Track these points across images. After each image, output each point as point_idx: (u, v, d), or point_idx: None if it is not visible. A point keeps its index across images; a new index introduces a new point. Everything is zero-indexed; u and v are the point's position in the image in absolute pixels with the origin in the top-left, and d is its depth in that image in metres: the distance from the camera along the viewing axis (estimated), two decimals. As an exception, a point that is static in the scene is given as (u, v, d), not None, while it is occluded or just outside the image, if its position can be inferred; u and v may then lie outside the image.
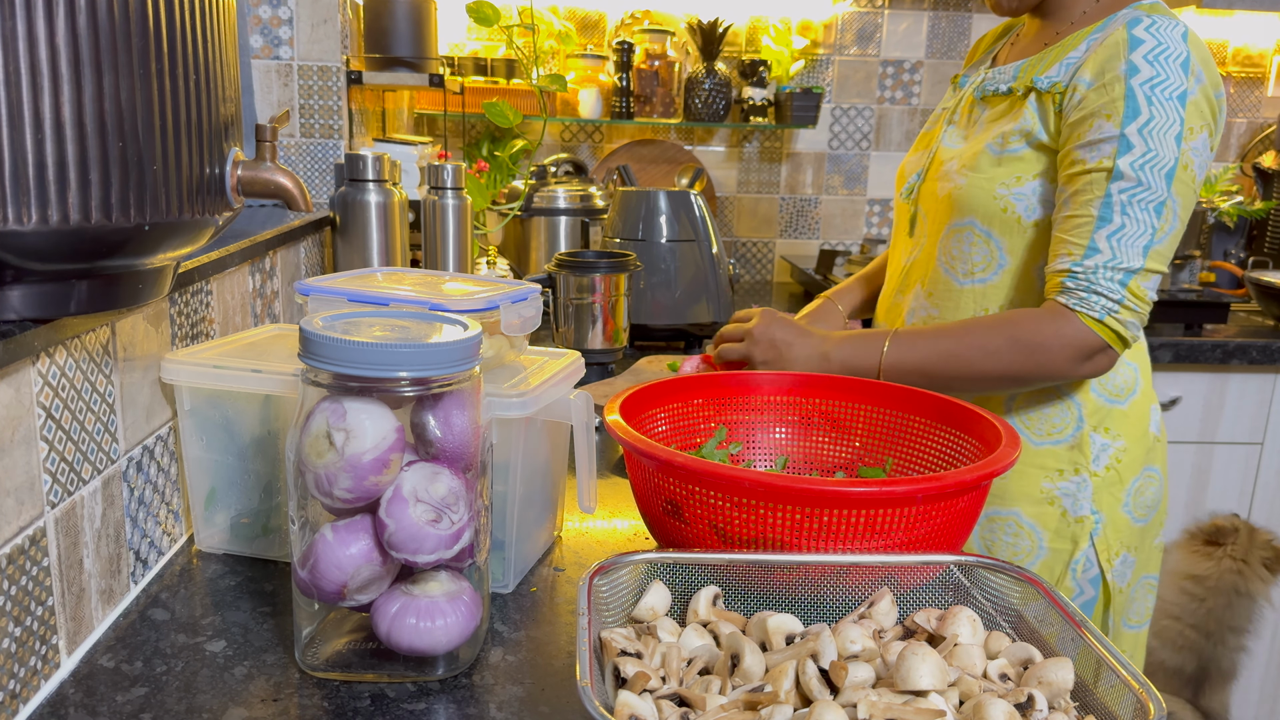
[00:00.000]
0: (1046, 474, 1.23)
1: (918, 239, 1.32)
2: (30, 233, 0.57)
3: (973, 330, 1.16)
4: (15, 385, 0.66)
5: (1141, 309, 1.10)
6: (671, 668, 0.62)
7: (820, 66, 2.74)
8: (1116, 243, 1.08)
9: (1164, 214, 1.08)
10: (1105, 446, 1.22)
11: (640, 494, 0.86)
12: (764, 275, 2.88)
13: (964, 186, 1.21)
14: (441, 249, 1.71)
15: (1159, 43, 1.07)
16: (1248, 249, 2.63)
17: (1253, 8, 2.43)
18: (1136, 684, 0.58)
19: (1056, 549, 1.23)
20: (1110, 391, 1.23)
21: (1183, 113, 1.07)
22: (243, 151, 0.73)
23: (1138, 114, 1.07)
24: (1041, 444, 1.23)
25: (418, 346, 0.67)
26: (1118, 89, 1.08)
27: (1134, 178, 1.07)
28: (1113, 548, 1.23)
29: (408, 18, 1.87)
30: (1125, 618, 1.27)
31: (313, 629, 0.76)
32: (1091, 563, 1.23)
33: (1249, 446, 2.17)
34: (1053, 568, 1.23)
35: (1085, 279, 1.09)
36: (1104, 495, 1.22)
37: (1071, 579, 1.23)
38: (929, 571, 0.75)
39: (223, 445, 0.92)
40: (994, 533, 1.25)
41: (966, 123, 1.29)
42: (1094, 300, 1.09)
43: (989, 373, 1.15)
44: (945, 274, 1.26)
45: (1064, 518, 1.22)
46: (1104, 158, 1.08)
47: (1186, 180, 1.08)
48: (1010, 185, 1.18)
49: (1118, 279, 1.08)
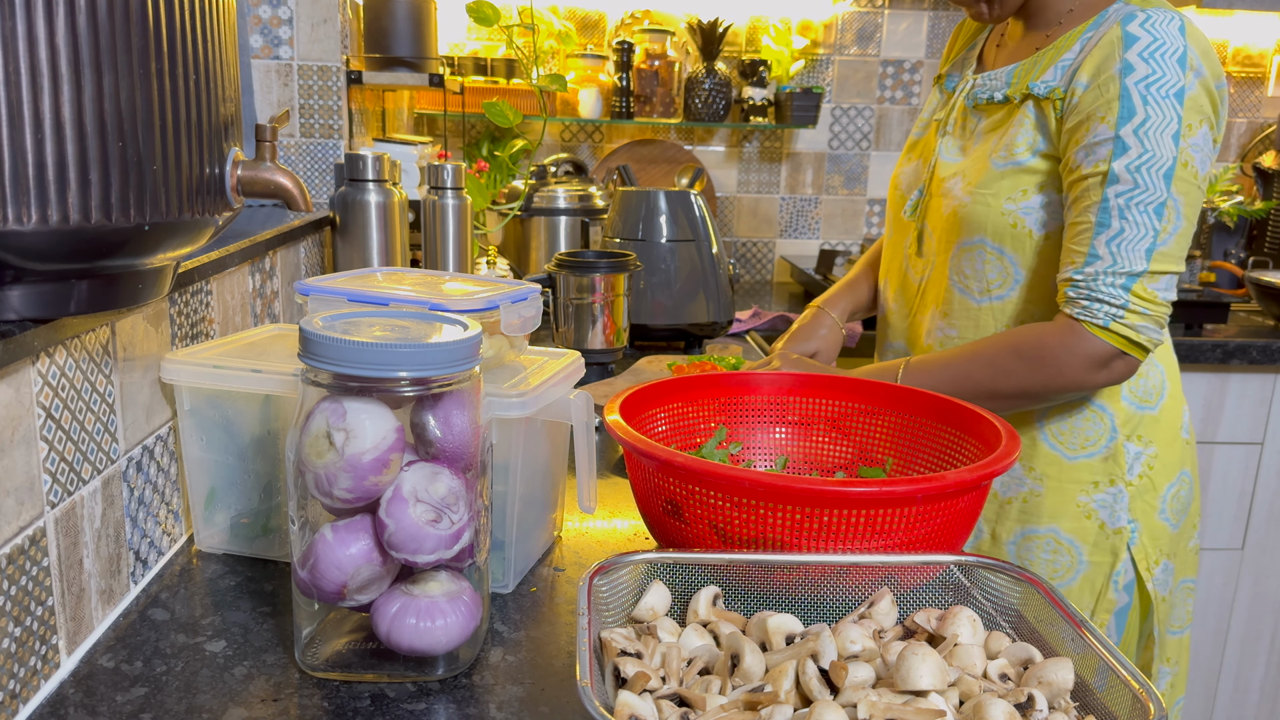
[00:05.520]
0: (1082, 488, 1.20)
1: (927, 257, 1.29)
2: (30, 233, 0.57)
3: (982, 352, 1.15)
4: (15, 385, 0.66)
5: (1153, 310, 1.08)
6: (671, 668, 0.62)
7: (820, 66, 2.74)
8: (1116, 248, 1.06)
9: (1165, 214, 1.06)
10: (1138, 455, 1.20)
11: (640, 494, 0.86)
12: (764, 275, 2.88)
13: (970, 205, 1.18)
14: (441, 249, 1.71)
15: (1154, 39, 1.05)
16: (1248, 249, 2.63)
17: (1253, 8, 2.43)
18: (1136, 684, 0.58)
19: (1096, 562, 1.21)
20: (1140, 397, 1.21)
21: (1180, 110, 1.04)
22: (243, 151, 0.73)
23: (1133, 114, 1.05)
24: (1076, 458, 1.20)
25: (418, 346, 0.67)
26: (1113, 89, 1.06)
27: (1131, 180, 1.05)
28: (1151, 556, 1.21)
29: (408, 18, 1.87)
30: (1169, 624, 1.26)
31: (313, 629, 0.76)
32: (1128, 571, 1.21)
33: (1249, 446, 2.17)
34: (1094, 581, 1.22)
35: (1086, 287, 1.08)
36: (1138, 504, 1.21)
37: (1113, 590, 1.21)
38: (929, 571, 0.75)
39: (223, 445, 0.92)
40: (1031, 551, 1.23)
41: (962, 133, 1.26)
42: (1096, 308, 1.08)
43: (1004, 391, 1.13)
44: (960, 294, 1.23)
45: (1102, 530, 1.20)
46: (1100, 161, 1.06)
47: (1187, 178, 1.06)
48: (1017, 200, 1.15)
49: (1119, 284, 1.07)
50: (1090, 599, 1.22)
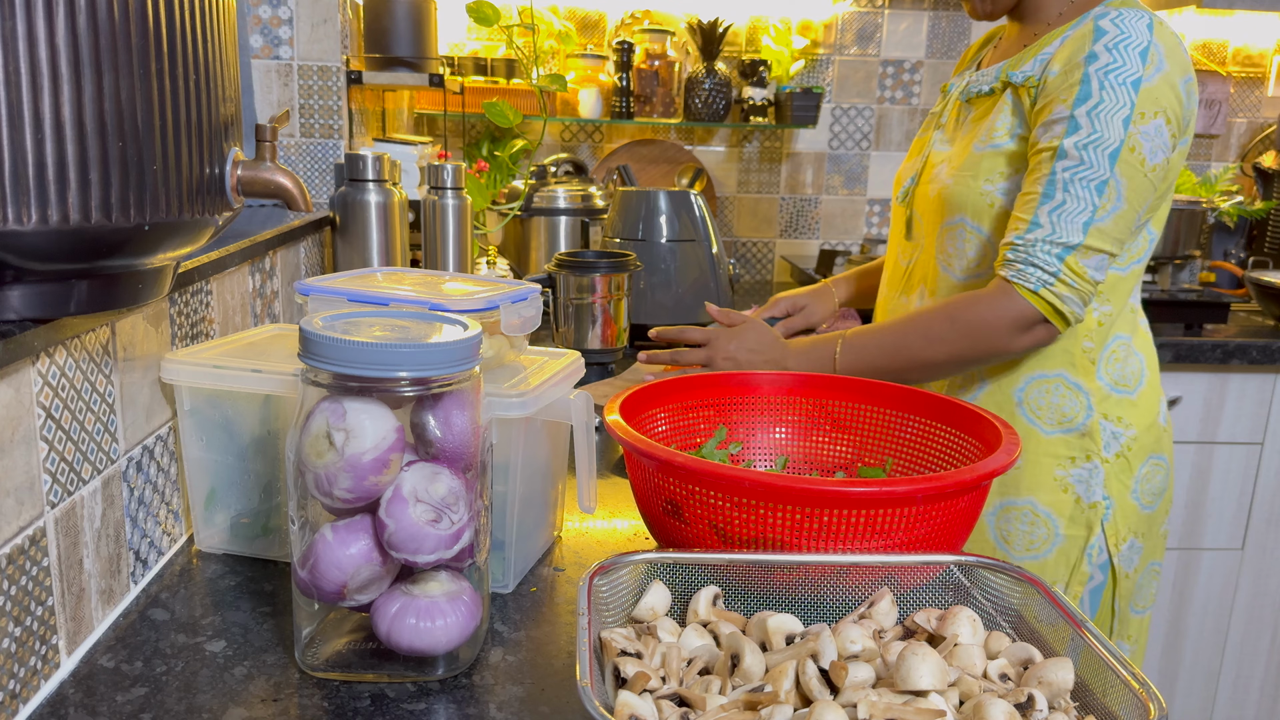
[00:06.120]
0: (1059, 461, 1.24)
1: (916, 241, 1.36)
2: (30, 233, 0.57)
3: (916, 321, 1.21)
4: (15, 385, 0.66)
5: (1080, 285, 1.13)
6: (671, 668, 0.62)
7: (820, 66, 2.74)
8: (1056, 218, 1.12)
9: (1105, 192, 1.11)
10: (1116, 434, 1.24)
11: (640, 494, 0.86)
12: (764, 275, 2.88)
13: (951, 185, 1.25)
14: (441, 249, 1.71)
15: (1121, 32, 1.12)
16: (1248, 249, 2.63)
17: (1253, 8, 2.43)
18: (1136, 684, 0.58)
19: (1072, 535, 1.25)
20: (1116, 380, 1.25)
21: (1134, 97, 1.10)
22: (243, 151, 0.73)
23: (1089, 97, 1.11)
24: (1053, 432, 1.25)
25: (418, 346, 0.67)
26: (1076, 75, 1.13)
27: (1078, 157, 1.11)
28: (1120, 533, 1.25)
29: (408, 17, 1.87)
30: (1132, 603, 1.29)
31: (313, 629, 0.76)
32: (1102, 549, 1.25)
33: (1249, 446, 2.17)
34: (1069, 554, 1.25)
35: (1024, 251, 1.13)
36: (1114, 482, 1.25)
37: (1087, 564, 1.25)
38: (929, 571, 0.75)
39: (223, 445, 0.92)
40: (1010, 523, 1.27)
41: (954, 126, 1.34)
42: (1030, 272, 1.13)
43: (936, 359, 1.19)
44: (944, 271, 1.30)
45: (1078, 504, 1.24)
46: (1054, 138, 1.13)
47: (1133, 162, 1.12)
48: (995, 180, 1.22)
49: (1055, 253, 1.12)
50: (1065, 572, 1.26)
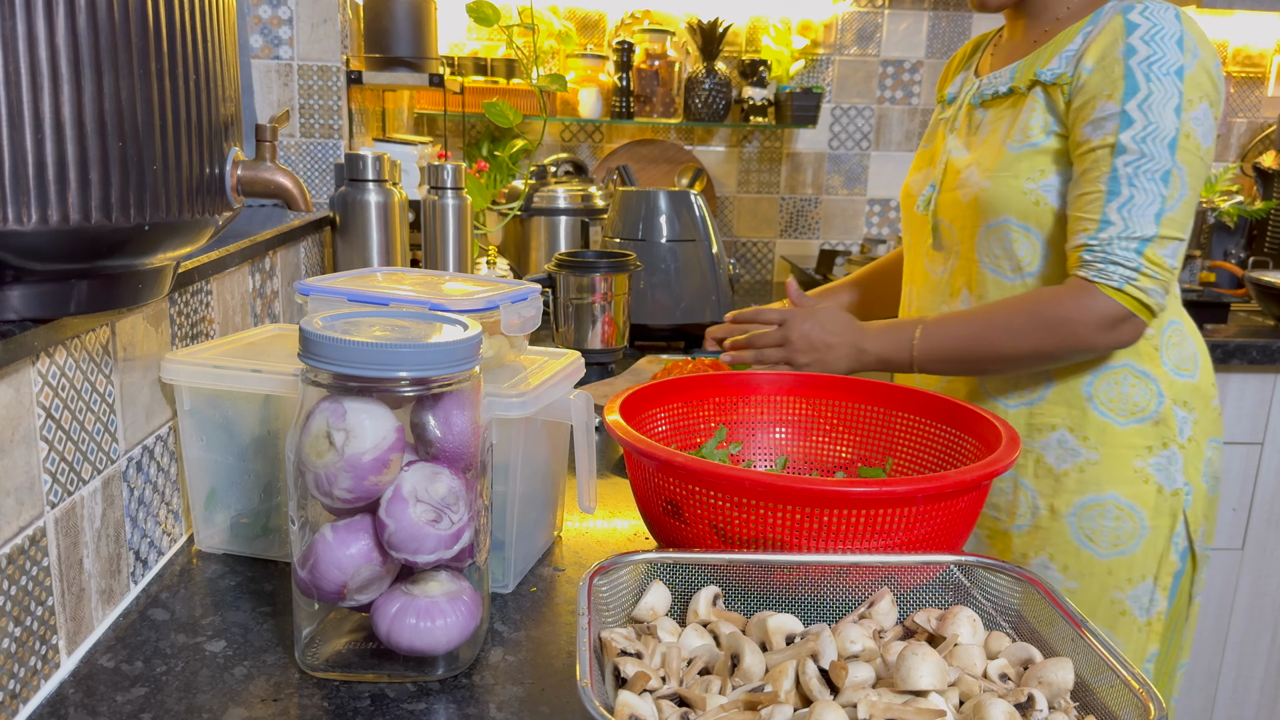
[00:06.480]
0: (1136, 452, 1.24)
1: (948, 249, 1.33)
2: (30, 233, 0.57)
3: (998, 313, 1.20)
4: (15, 385, 0.66)
5: (1161, 275, 1.13)
6: (671, 668, 0.62)
7: (820, 66, 2.74)
8: (1127, 213, 1.12)
9: (1171, 181, 1.12)
10: (1186, 420, 1.25)
11: (640, 494, 0.86)
12: (764, 275, 2.88)
13: (991, 189, 1.23)
14: (441, 249, 1.71)
15: (1153, 24, 1.13)
16: (1248, 249, 2.63)
17: (1253, 8, 2.43)
18: (1136, 684, 0.58)
19: (1157, 525, 1.24)
20: (1179, 365, 1.25)
21: (1181, 86, 1.11)
22: (243, 151, 0.73)
23: (1137, 90, 1.12)
24: (1127, 424, 1.24)
25: (418, 346, 0.67)
26: (1117, 70, 1.13)
27: (1137, 150, 1.11)
28: (1198, 518, 1.25)
29: (408, 17, 1.87)
30: (1196, 587, 1.29)
31: (313, 629, 0.76)
32: (1184, 536, 1.25)
33: (1249, 446, 2.17)
34: (1155, 545, 1.24)
35: (1101, 251, 1.13)
36: (1190, 467, 1.25)
37: (1174, 552, 1.24)
38: (929, 571, 0.75)
39: (223, 445, 0.92)
40: (1094, 520, 1.25)
41: (968, 130, 1.32)
42: (1112, 270, 1.12)
43: (1017, 352, 1.18)
44: (993, 274, 1.27)
45: (1160, 493, 1.23)
46: (1107, 134, 1.13)
47: (1190, 149, 1.12)
48: (1036, 179, 1.21)
49: (1133, 248, 1.12)
50: (1154, 563, 1.24)
